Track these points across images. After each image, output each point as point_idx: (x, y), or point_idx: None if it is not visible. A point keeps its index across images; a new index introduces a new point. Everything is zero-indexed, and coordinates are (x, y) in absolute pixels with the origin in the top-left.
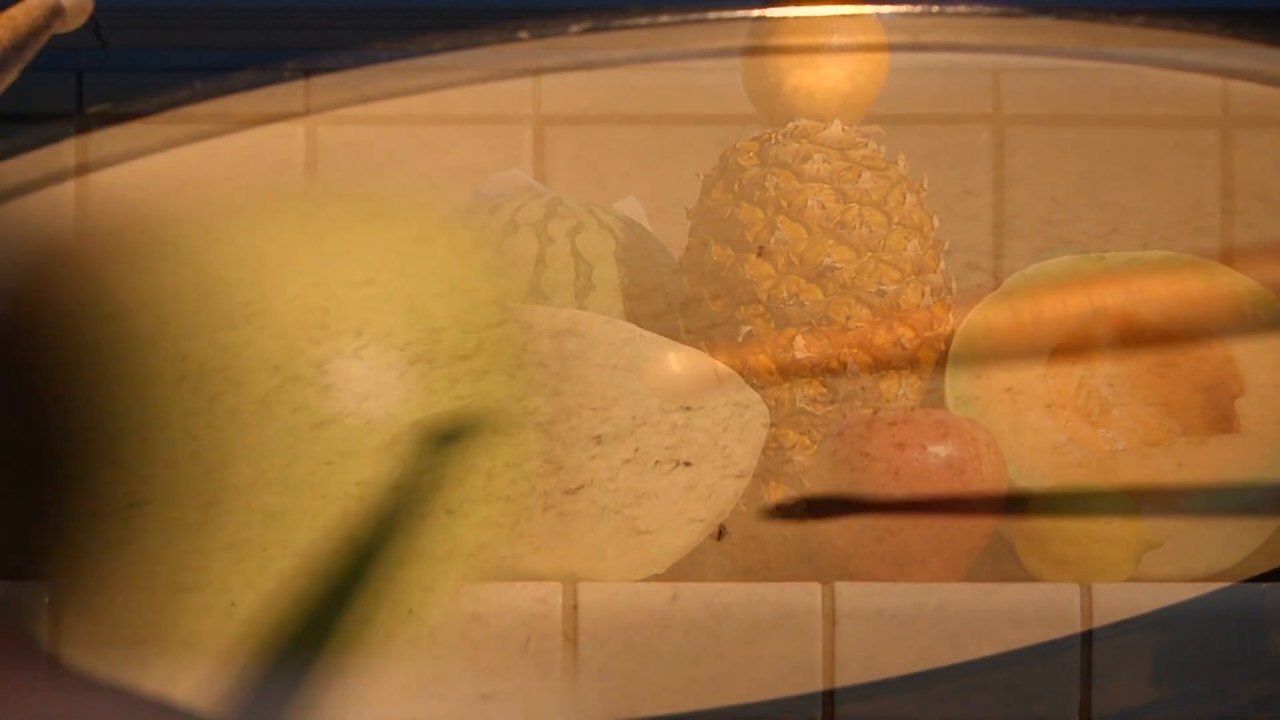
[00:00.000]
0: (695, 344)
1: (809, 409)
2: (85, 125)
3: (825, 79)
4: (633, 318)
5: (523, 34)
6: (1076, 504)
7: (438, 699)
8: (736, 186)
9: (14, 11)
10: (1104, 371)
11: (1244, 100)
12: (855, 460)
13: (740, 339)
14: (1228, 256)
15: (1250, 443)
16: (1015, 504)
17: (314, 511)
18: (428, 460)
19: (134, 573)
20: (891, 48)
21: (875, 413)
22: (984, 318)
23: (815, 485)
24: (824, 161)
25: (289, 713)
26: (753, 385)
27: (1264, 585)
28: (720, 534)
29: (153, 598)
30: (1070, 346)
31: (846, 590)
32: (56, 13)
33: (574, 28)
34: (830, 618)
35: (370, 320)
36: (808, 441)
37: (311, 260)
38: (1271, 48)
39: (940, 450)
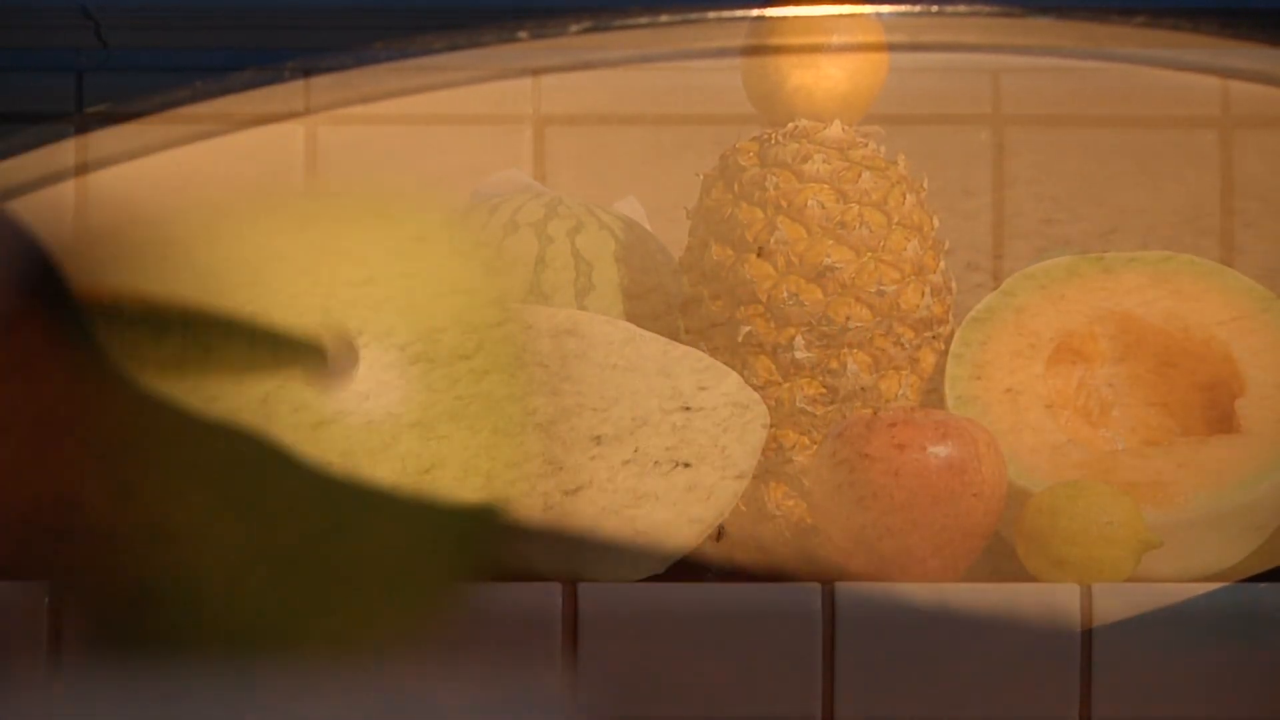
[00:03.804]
0: (695, 344)
1: (809, 409)
2: (85, 125)
3: (825, 79)
4: (633, 318)
5: (523, 34)
6: (1076, 504)
7: (437, 699)
8: (736, 186)
9: (271, 323)
10: (1104, 371)
11: (1244, 100)
12: (855, 461)
13: (740, 339)
14: (1227, 256)
15: (1250, 443)
16: (1015, 504)
17: (313, 510)
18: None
19: (133, 570)
20: (891, 48)
21: (875, 413)
22: (984, 318)
23: (815, 486)
24: (824, 161)
25: (287, 712)
26: (752, 385)
27: (1264, 585)
28: (720, 534)
29: (150, 595)
30: (1070, 347)
31: (846, 590)
32: (309, 352)
33: (574, 28)
34: (830, 618)
35: (370, 320)
36: (807, 442)
37: (311, 260)
38: (1271, 48)
39: (940, 450)
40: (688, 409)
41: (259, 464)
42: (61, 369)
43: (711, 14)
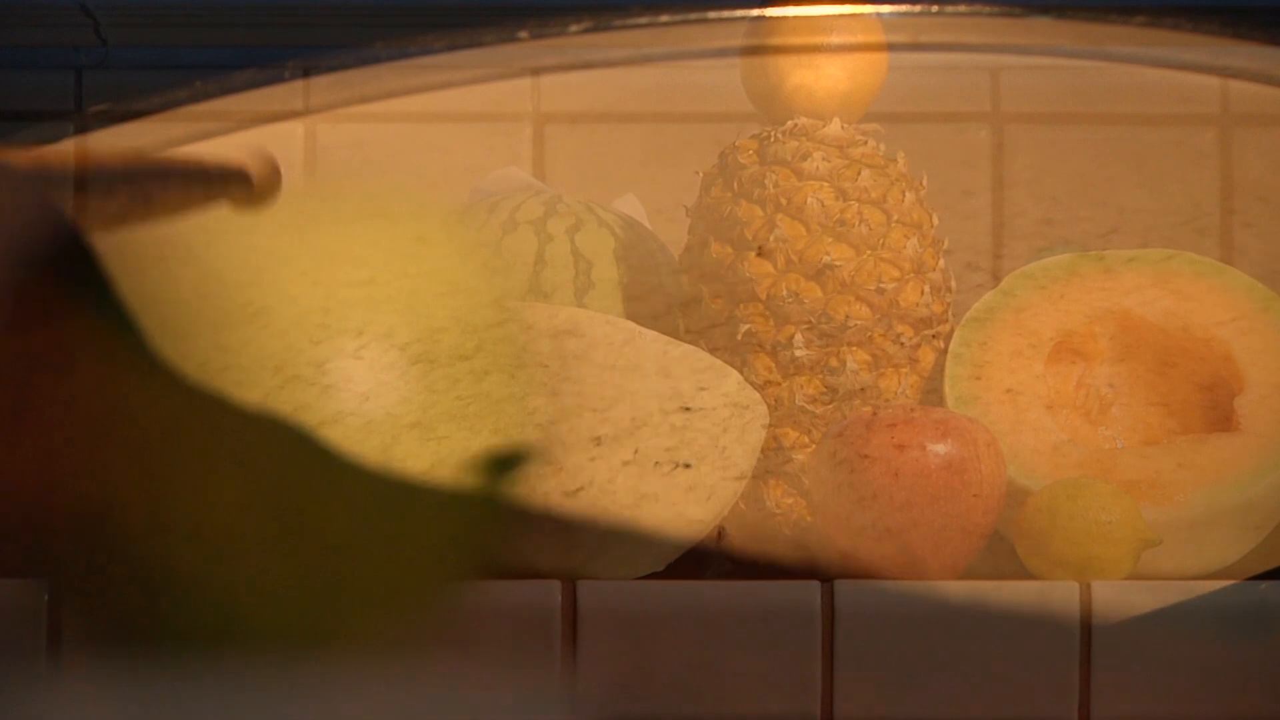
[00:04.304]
0: (695, 342)
1: (808, 407)
2: (85, 125)
3: (825, 78)
4: (632, 317)
5: (523, 34)
6: (1076, 502)
7: (437, 697)
8: (736, 184)
9: (199, 157)
10: (1104, 371)
11: (1244, 100)
12: (855, 461)
13: (739, 337)
14: (1227, 256)
15: (1250, 442)
16: (1015, 503)
17: (313, 511)
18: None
19: (132, 570)
20: (891, 47)
21: (875, 413)
22: (983, 317)
23: (814, 486)
24: (823, 159)
25: (287, 710)
26: (752, 384)
27: (1264, 583)
28: (720, 535)
29: (148, 595)
30: (1070, 346)
31: (846, 590)
32: (237, 177)
33: (574, 28)
34: (830, 617)
35: (371, 320)
36: (807, 440)
37: (311, 260)
38: (1271, 48)
39: (940, 450)
40: (688, 409)
41: (259, 464)
42: (58, 366)
43: (711, 14)
